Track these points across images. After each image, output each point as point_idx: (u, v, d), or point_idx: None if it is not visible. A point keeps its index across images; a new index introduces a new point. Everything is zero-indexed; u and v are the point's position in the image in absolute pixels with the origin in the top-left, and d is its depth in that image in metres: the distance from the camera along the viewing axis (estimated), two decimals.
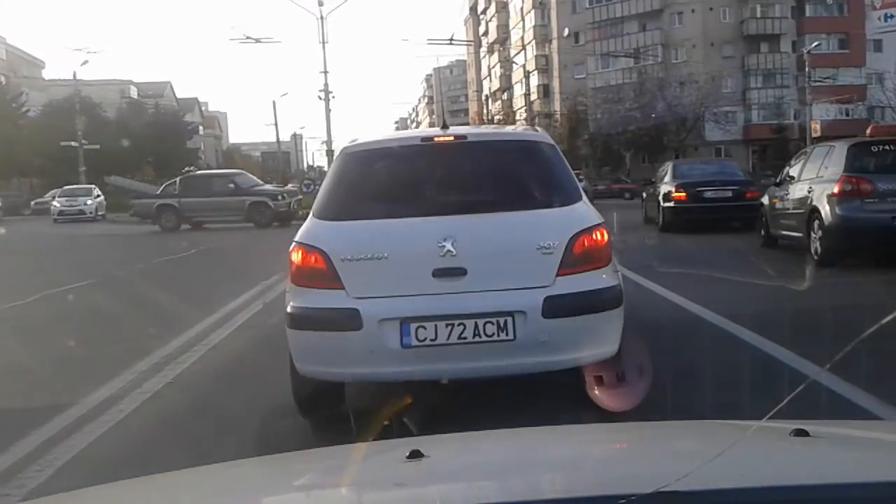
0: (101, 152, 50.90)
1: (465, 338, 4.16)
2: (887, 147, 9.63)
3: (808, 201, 11.07)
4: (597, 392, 4.19)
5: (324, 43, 38.09)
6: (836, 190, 10.22)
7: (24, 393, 5.82)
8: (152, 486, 1.66)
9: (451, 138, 4.87)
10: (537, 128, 6.00)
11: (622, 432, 2.01)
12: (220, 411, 5.19)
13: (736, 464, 1.31)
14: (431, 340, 4.17)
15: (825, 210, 10.42)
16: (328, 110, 39.79)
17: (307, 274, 4.41)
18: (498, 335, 4.17)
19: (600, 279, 4.39)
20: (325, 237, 4.44)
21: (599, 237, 4.43)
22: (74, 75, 51.41)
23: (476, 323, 4.17)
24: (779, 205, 12.81)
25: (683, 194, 17.62)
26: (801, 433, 1.50)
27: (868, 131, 11.76)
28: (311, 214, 4.71)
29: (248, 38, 39.23)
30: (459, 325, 4.17)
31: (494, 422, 1.95)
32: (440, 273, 4.24)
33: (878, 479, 1.26)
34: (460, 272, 4.24)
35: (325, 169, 49.86)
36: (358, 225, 4.52)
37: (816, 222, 10.71)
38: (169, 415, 5.16)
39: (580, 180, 5.58)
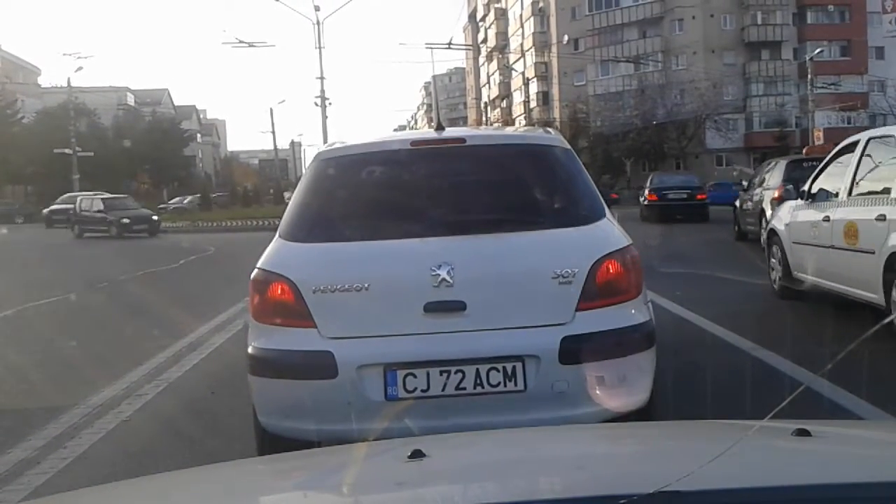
0: (95, 160, 50.91)
1: (463, 388, 3.44)
2: (815, 163, 11.69)
3: (760, 203, 15.38)
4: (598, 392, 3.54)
5: (320, 48, 38.28)
6: (776, 195, 13.44)
7: None
8: (152, 486, 1.67)
9: (448, 142, 4.14)
10: (549, 129, 4.92)
11: (623, 432, 2.02)
12: None
13: (738, 463, 1.32)
14: (423, 391, 3.44)
15: (768, 210, 13.89)
16: (325, 117, 39.83)
17: (271, 308, 3.66)
18: (505, 385, 3.46)
19: (629, 314, 3.66)
20: (294, 263, 3.69)
21: (628, 262, 3.70)
22: (69, 82, 51.52)
23: (478, 370, 3.45)
24: (744, 206, 17.26)
25: (654, 196, 26.90)
26: (802, 433, 1.51)
27: (804, 151, 15.78)
28: (277, 234, 3.94)
29: (240, 41, 39.16)
30: (457, 372, 3.45)
31: None
32: (433, 308, 3.52)
33: (880, 479, 1.27)
34: (458, 307, 3.52)
35: None
36: (333, 248, 3.78)
37: (763, 219, 14.35)
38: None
39: None
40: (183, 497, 1.56)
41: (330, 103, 41.45)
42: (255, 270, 3.74)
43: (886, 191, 6.66)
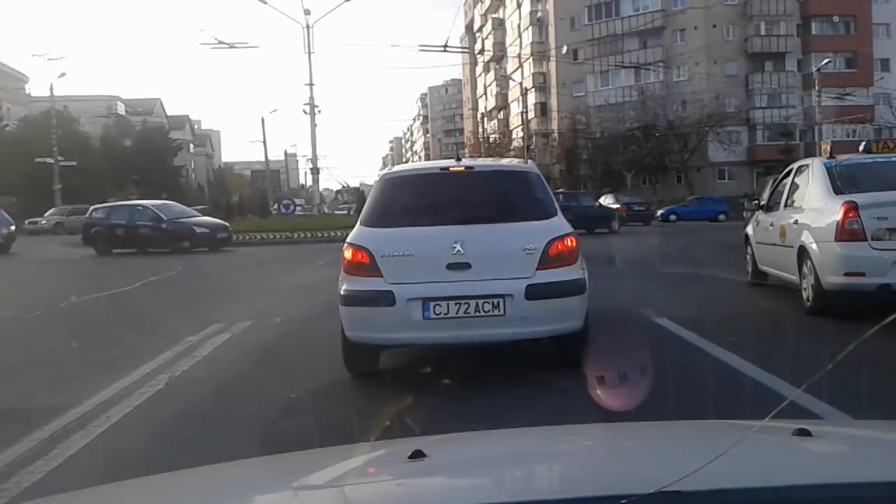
0: (80, 169, 50.54)
1: (469, 313, 5.76)
2: None
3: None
4: (598, 392, 4.81)
5: (309, 53, 38.19)
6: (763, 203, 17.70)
7: None
8: (152, 487, 1.70)
9: (462, 168, 6.64)
10: (529, 160, 8.14)
11: (623, 432, 2.06)
12: None
13: (738, 463, 1.35)
14: (445, 314, 5.76)
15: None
16: (314, 125, 39.88)
17: (355, 266, 6.02)
18: (493, 311, 5.76)
19: (569, 273, 6.00)
20: (370, 239, 6.05)
21: (570, 242, 6.08)
22: (51, 88, 51.26)
23: (477, 302, 5.76)
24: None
25: (625, 207, 38.93)
26: (803, 433, 1.55)
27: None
28: (358, 223, 6.35)
29: (220, 42, 38.53)
30: (465, 303, 5.76)
31: (495, 422, 2.00)
32: (452, 266, 5.82)
33: (879, 478, 1.30)
34: (466, 266, 5.82)
35: (313, 188, 49.41)
36: (393, 231, 6.11)
37: None
38: None
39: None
40: (183, 497, 1.59)
41: (319, 111, 41.52)
42: (346, 244, 6.15)
43: (800, 203, 9.66)
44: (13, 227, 28.41)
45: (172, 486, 1.68)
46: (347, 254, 6.08)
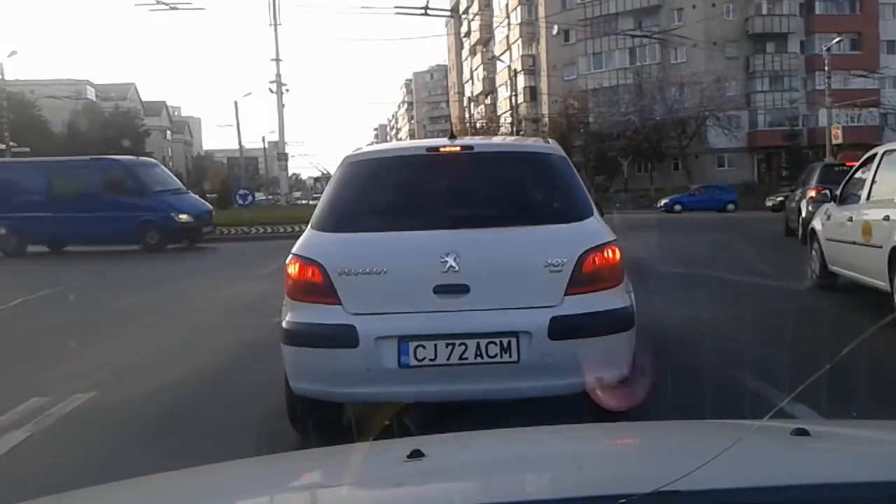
0: (37, 155, 49.62)
1: (466, 358, 4.22)
2: (844, 168, 14.91)
3: (800, 203, 19.46)
4: (597, 392, 4.23)
5: (276, 25, 37.57)
6: (812, 194, 18.11)
7: None
8: (152, 486, 1.77)
9: (458, 149, 4.98)
10: (549, 140, 5.84)
11: (622, 432, 2.14)
12: None
13: (737, 463, 1.41)
14: (431, 360, 4.22)
15: (804, 209, 18.36)
16: (280, 105, 39.27)
17: (303, 287, 4.49)
18: (501, 356, 4.23)
19: (611, 300, 4.44)
20: (323, 249, 4.52)
21: (611, 255, 4.48)
22: (1, 68, 50.09)
23: (478, 343, 4.22)
24: (790, 206, 21.78)
25: None
26: (801, 433, 1.63)
27: (838, 157, 20.31)
28: (309, 226, 4.82)
29: (159, 2, 36.11)
30: (461, 345, 4.22)
31: (494, 422, 2.06)
32: (441, 290, 4.32)
33: (878, 478, 1.37)
34: (462, 289, 4.32)
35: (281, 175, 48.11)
36: (357, 238, 4.61)
37: (800, 217, 18.71)
38: None
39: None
40: (183, 497, 1.66)
41: (287, 90, 40.79)
42: (291, 255, 4.57)
43: (889, 195, 8.50)
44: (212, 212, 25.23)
45: (171, 486, 1.75)
46: (292, 269, 4.54)
